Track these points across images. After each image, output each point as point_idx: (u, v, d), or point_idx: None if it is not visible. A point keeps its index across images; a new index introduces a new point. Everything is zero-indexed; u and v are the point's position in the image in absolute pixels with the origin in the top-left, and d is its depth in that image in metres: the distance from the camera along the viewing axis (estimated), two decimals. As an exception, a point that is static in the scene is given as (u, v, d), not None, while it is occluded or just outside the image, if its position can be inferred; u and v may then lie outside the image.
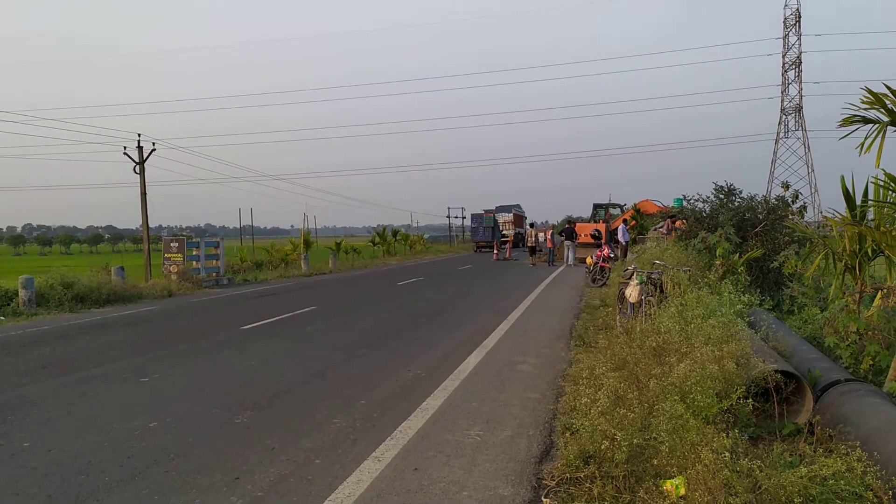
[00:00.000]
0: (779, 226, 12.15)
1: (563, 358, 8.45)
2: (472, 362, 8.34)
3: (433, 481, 4.43)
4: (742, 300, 7.28)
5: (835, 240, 7.22)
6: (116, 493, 4.42)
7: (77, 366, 9.01)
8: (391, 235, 50.48)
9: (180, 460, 5.02)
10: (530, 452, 4.98)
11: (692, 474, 3.77)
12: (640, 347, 6.28)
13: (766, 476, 3.78)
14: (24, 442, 5.58)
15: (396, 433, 5.50)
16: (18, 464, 5.07)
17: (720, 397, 4.80)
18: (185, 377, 8.17)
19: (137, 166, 25.71)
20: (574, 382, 6.60)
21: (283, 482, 4.52)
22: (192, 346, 10.64)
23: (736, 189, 13.51)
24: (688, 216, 14.10)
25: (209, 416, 6.28)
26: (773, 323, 7.49)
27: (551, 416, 5.89)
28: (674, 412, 4.30)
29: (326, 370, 8.31)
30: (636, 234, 29.30)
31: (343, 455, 5.03)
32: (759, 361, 5.46)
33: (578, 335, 9.90)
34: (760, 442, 5.04)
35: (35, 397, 7.24)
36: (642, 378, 5.50)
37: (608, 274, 18.32)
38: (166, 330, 12.97)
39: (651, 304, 8.88)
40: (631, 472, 4.09)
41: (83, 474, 4.78)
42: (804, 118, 56.48)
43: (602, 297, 15.04)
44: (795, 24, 55.81)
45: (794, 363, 6.09)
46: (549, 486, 4.33)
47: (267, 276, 26.85)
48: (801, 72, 56.03)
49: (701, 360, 5.10)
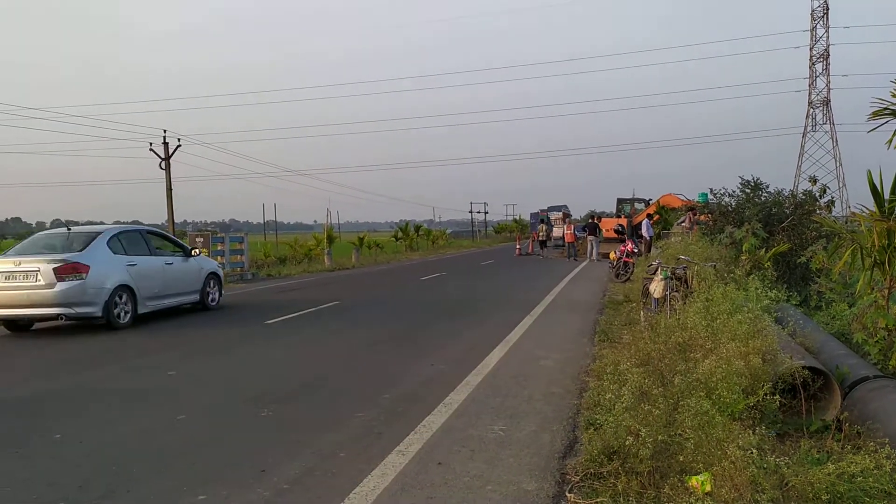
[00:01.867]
0: (806, 221, 12.01)
1: (587, 353, 8.42)
2: (495, 357, 8.34)
3: (457, 475, 4.44)
4: (769, 295, 7.21)
5: (863, 235, 7.11)
6: (146, 484, 4.48)
7: (105, 359, 9.15)
8: (413, 231, 50.56)
9: (208, 453, 5.08)
10: (554, 447, 4.98)
11: (718, 471, 3.75)
12: (664, 343, 6.25)
13: (793, 473, 3.76)
14: (55, 434, 5.68)
15: (420, 427, 5.52)
16: (50, 455, 5.16)
17: (746, 393, 4.76)
18: (211, 370, 8.26)
19: (163, 162, 25.99)
20: (598, 378, 6.58)
21: (308, 475, 4.55)
22: (218, 340, 10.75)
23: (763, 183, 13.37)
24: (713, 211, 13.98)
25: (235, 409, 6.34)
26: (800, 319, 7.41)
27: (575, 412, 5.87)
28: (699, 408, 4.28)
29: (349, 364, 8.36)
30: (660, 229, 29.10)
31: (367, 449, 5.06)
32: (786, 357, 5.41)
33: (602, 330, 9.86)
34: (787, 439, 5.00)
35: (65, 390, 7.36)
36: (667, 374, 5.48)
37: (632, 269, 18.22)
38: (191, 324, 13.10)
39: (676, 299, 8.82)
40: (655, 468, 4.07)
41: (113, 465, 4.85)
42: (832, 111, 55.80)
43: (625, 292, 14.96)
44: (823, 17, 55.08)
45: (822, 359, 6.03)
46: (573, 481, 4.33)
47: (290, 271, 27.01)
48: (828, 64, 55.33)
49: (727, 356, 5.07)
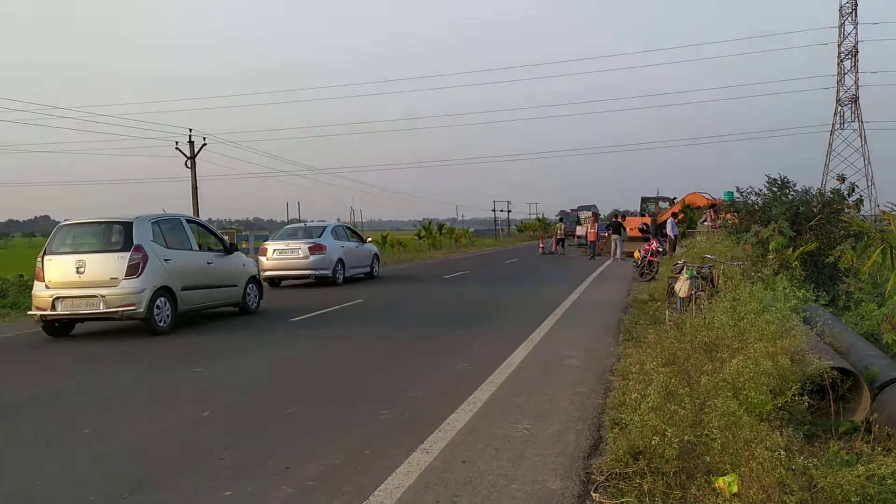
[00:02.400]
0: (834, 219, 11.83)
1: (611, 352, 8.37)
2: (520, 356, 8.32)
3: (482, 474, 4.44)
4: (797, 295, 7.13)
5: (893, 234, 7.01)
6: (172, 479, 4.53)
7: (133, 355, 9.26)
8: (437, 229, 50.59)
9: (233, 449, 5.13)
10: (579, 447, 4.96)
11: (745, 472, 3.71)
12: (690, 343, 6.20)
13: (822, 474, 3.70)
14: (84, 429, 5.76)
15: (444, 426, 5.52)
16: (79, 449, 5.24)
17: (774, 394, 4.71)
18: (235, 367, 8.33)
19: (189, 161, 26.25)
20: (623, 377, 6.54)
21: (333, 472, 4.58)
22: (242, 337, 10.84)
23: (790, 182, 13.20)
24: (740, 209, 13.83)
25: (260, 406, 6.39)
26: (828, 319, 7.31)
27: (600, 411, 5.85)
28: (726, 409, 4.23)
29: (374, 362, 8.39)
30: (685, 228, 28.86)
31: (392, 446, 5.07)
32: (814, 358, 5.34)
33: (626, 330, 9.81)
34: (816, 440, 4.93)
35: (94, 385, 7.48)
36: (693, 374, 5.43)
37: (656, 268, 18.10)
38: (216, 321, 13.23)
39: (702, 298, 8.75)
40: (682, 469, 4.04)
41: (141, 460, 4.92)
42: (861, 109, 54.92)
43: (650, 291, 14.86)
44: (852, 13, 54.22)
45: (851, 360, 5.95)
46: (598, 480, 4.31)
47: (314, 269, 27.12)
48: (857, 61, 54.45)
49: (754, 356, 5.01)
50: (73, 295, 10.69)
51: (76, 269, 10.75)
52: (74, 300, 10.68)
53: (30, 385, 7.57)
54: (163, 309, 11.11)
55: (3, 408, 6.56)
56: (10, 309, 15.10)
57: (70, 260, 10.86)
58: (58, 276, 10.86)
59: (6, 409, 6.53)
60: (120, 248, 10.88)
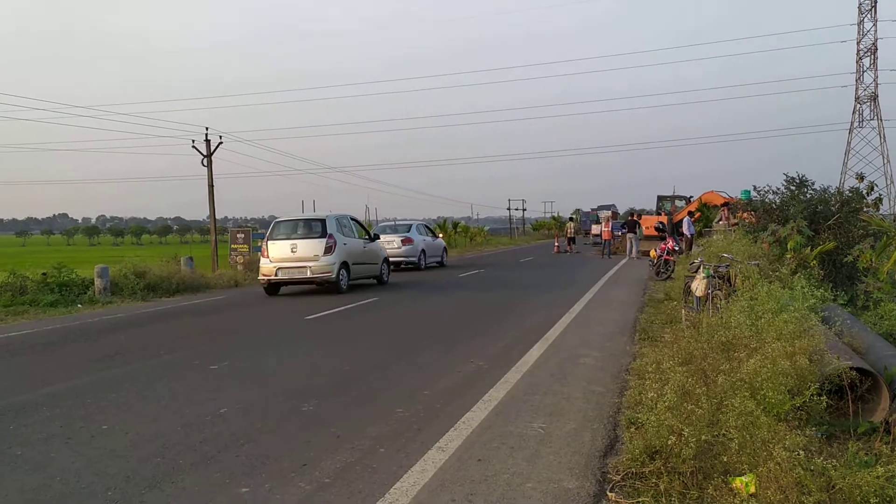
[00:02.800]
0: (853, 218, 11.73)
1: (627, 352, 8.35)
2: (535, 355, 8.31)
3: (497, 472, 4.44)
4: (815, 294, 7.07)
5: (913, 233, 6.94)
6: (190, 475, 4.57)
7: (150, 352, 9.33)
8: (451, 228, 50.59)
9: (250, 446, 5.16)
10: (594, 446, 4.95)
11: (763, 472, 3.70)
12: (707, 342, 6.16)
13: (840, 475, 3.68)
14: (102, 425, 5.82)
15: (459, 424, 5.53)
16: (98, 445, 5.29)
17: (792, 394, 4.67)
18: (252, 365, 8.37)
19: (205, 159, 26.38)
20: (639, 376, 6.53)
21: (348, 469, 4.59)
22: (259, 335, 10.90)
23: (808, 180, 13.09)
24: (757, 208, 13.73)
25: (276, 404, 6.42)
26: (847, 318, 7.25)
27: (615, 410, 5.83)
28: (744, 408, 4.20)
29: (389, 360, 8.40)
30: (701, 227, 28.67)
31: (407, 444, 5.08)
32: (833, 358, 5.30)
33: (642, 329, 9.78)
34: (834, 441, 4.89)
35: (112, 381, 7.53)
36: (710, 373, 5.40)
37: (672, 267, 18.01)
38: (233, 319, 13.32)
39: (718, 297, 8.69)
40: (699, 469, 4.02)
41: (158, 457, 4.95)
42: (880, 107, 54.34)
43: (666, 290, 14.80)
44: (871, 10, 53.66)
45: (870, 360, 5.89)
46: (614, 480, 4.30)
47: (330, 267, 27.21)
48: (876, 59, 53.87)
49: (772, 356, 4.98)
50: (289, 266, 16.29)
51: (291, 249, 16.33)
52: (290, 269, 16.28)
53: (48, 382, 7.64)
54: (344, 277, 16.62)
55: (23, 404, 6.63)
56: (29, 306, 15.24)
57: (286, 243, 16.46)
58: (278, 254, 16.42)
59: (26, 405, 6.60)
60: (319, 236, 16.40)
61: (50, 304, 15.43)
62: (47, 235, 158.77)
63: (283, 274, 16.28)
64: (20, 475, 4.70)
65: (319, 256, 16.12)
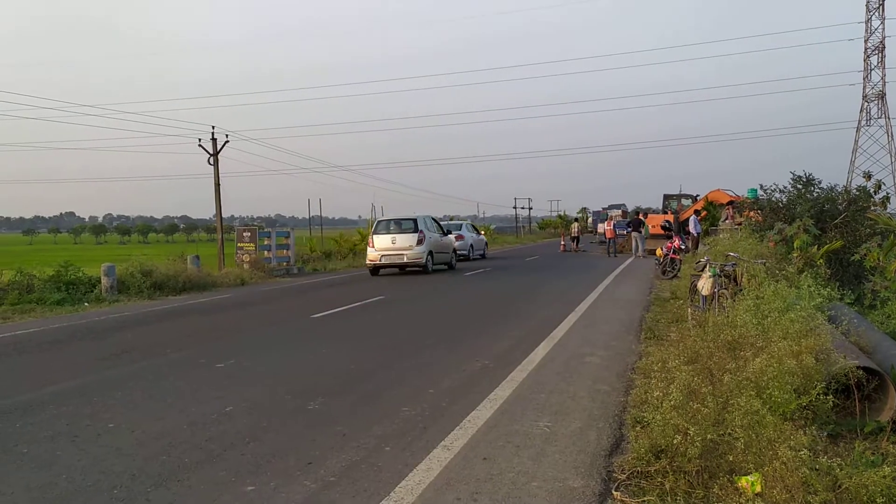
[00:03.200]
0: (860, 217, 11.70)
1: (633, 350, 8.34)
2: (540, 353, 8.31)
3: (502, 471, 4.44)
4: (822, 293, 7.04)
5: (921, 232, 6.91)
6: (196, 473, 4.58)
7: (156, 351, 9.36)
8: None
9: (256, 444, 5.17)
10: (600, 445, 4.94)
11: (769, 471, 3.68)
12: (713, 341, 6.15)
13: (846, 475, 3.67)
14: (108, 423, 5.84)
15: (465, 423, 5.52)
16: (104, 443, 5.30)
17: (798, 393, 4.66)
18: (258, 363, 8.39)
19: (211, 158, 26.42)
20: (644, 375, 6.51)
21: (354, 468, 4.60)
22: (265, 334, 10.92)
23: (815, 179, 13.06)
24: (764, 207, 13.71)
25: (282, 402, 6.43)
26: (854, 317, 7.22)
27: (621, 409, 5.82)
28: (749, 407, 4.20)
29: (395, 359, 8.41)
30: (708, 226, 28.60)
31: (412, 443, 5.08)
32: (839, 357, 5.28)
33: (648, 328, 9.76)
34: (840, 440, 4.88)
35: (118, 380, 7.56)
36: (716, 372, 5.38)
37: (679, 266, 17.97)
38: (240, 317, 13.35)
39: (725, 296, 8.67)
40: (704, 468, 4.01)
41: (164, 455, 4.97)
42: (887, 105, 54.05)
43: (672, 289, 14.77)
44: (879, 7, 53.36)
45: (877, 359, 5.87)
46: (619, 479, 4.29)
47: (335, 266, 27.30)
48: (884, 57, 53.51)
49: (778, 355, 4.96)
50: (390, 254, 21.76)
51: (391, 241, 21.75)
52: (391, 255, 21.79)
53: (55, 380, 7.67)
54: (429, 262, 22.10)
55: (30, 402, 6.66)
56: (36, 304, 15.30)
57: (387, 237, 21.90)
58: (381, 245, 21.85)
59: (32, 403, 6.62)
60: (412, 231, 21.80)
61: (57, 302, 15.49)
62: (54, 234, 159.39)
63: (385, 259, 21.85)
64: (26, 473, 4.72)
65: (413, 247, 21.57)
